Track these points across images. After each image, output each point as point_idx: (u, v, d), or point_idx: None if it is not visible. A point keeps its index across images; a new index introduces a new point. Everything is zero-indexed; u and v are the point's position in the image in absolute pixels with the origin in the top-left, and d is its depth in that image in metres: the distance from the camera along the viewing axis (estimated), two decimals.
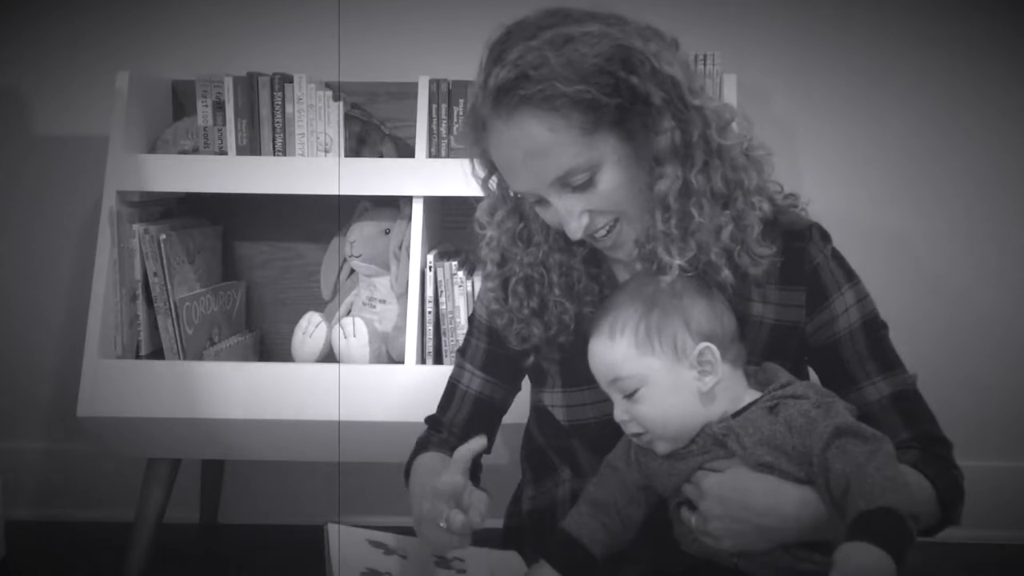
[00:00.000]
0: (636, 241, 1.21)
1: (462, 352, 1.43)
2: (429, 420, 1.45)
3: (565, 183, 1.16)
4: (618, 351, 1.15)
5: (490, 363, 1.40)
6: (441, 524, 1.11)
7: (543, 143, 1.14)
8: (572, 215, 1.18)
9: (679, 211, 1.16)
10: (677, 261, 1.16)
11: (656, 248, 1.18)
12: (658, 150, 1.15)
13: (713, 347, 1.14)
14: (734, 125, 1.21)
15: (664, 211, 1.17)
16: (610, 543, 1.20)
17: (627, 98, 1.13)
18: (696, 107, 1.16)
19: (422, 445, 1.41)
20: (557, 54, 1.12)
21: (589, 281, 1.29)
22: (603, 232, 1.21)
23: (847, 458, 1.05)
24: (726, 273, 1.18)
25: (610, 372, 1.16)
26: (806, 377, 1.30)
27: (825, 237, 1.27)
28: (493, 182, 1.28)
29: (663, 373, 1.14)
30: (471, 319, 1.44)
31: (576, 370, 1.30)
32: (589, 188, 1.17)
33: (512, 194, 1.27)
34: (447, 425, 1.42)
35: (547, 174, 1.16)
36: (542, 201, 1.20)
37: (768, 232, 1.23)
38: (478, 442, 1.18)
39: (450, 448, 1.37)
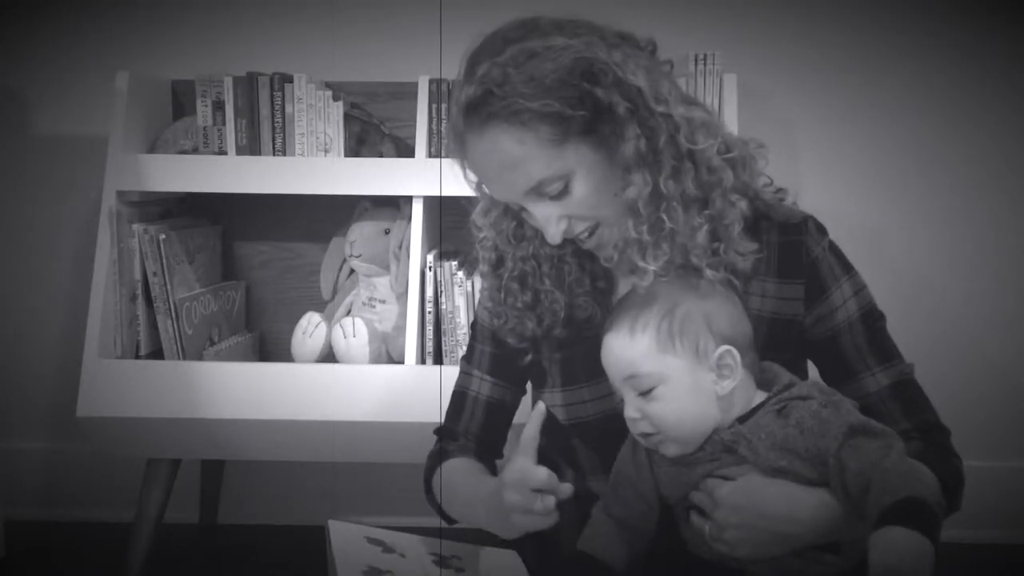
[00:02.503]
0: (615, 246, 1.22)
1: (467, 359, 1.43)
2: (440, 432, 1.45)
3: (540, 192, 1.18)
4: (638, 347, 1.14)
5: (497, 366, 1.40)
6: (537, 507, 1.12)
7: (514, 156, 1.15)
8: (550, 221, 1.20)
9: (650, 217, 1.17)
10: (651, 267, 1.18)
11: (631, 254, 1.19)
12: (625, 158, 1.16)
13: (734, 351, 1.13)
14: (706, 128, 1.20)
15: (635, 217, 1.18)
16: (631, 557, 1.20)
17: (592, 109, 1.14)
18: (663, 114, 1.16)
19: (438, 457, 1.41)
20: (519, 71, 1.13)
21: (580, 272, 1.30)
22: (585, 235, 1.22)
23: (862, 456, 1.05)
24: (710, 274, 1.19)
25: (627, 368, 1.15)
26: (804, 371, 1.30)
27: (821, 230, 1.27)
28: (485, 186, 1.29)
29: (682, 373, 1.13)
30: (474, 325, 1.44)
31: (575, 367, 1.30)
32: (564, 196, 1.18)
33: None
34: (462, 433, 1.42)
35: (520, 185, 1.18)
36: (523, 208, 1.22)
37: (763, 226, 1.25)
38: (538, 415, 1.20)
39: (472, 453, 1.38)
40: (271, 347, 2.27)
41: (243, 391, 1.90)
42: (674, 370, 1.13)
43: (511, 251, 1.30)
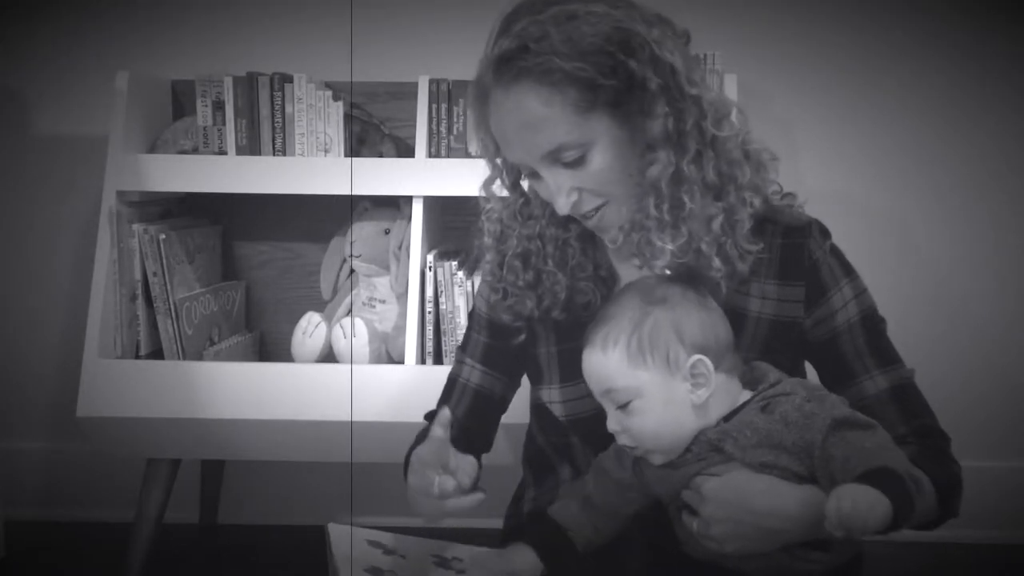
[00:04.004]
0: (621, 228, 1.22)
1: (462, 347, 1.45)
2: (429, 416, 1.46)
3: (556, 158, 1.18)
4: (611, 363, 1.15)
5: (489, 357, 1.41)
6: (433, 491, 1.14)
7: (537, 116, 1.15)
8: (561, 191, 1.20)
9: (670, 197, 1.18)
10: (669, 246, 1.18)
11: (648, 233, 1.19)
12: (651, 135, 1.16)
13: (706, 360, 1.13)
14: (731, 118, 1.21)
15: (656, 196, 1.18)
16: (594, 540, 1.22)
17: (624, 81, 1.15)
18: (693, 96, 1.17)
19: (420, 439, 1.41)
20: (558, 30, 1.14)
21: (583, 257, 1.31)
22: (592, 212, 1.22)
23: (847, 445, 1.06)
24: (717, 263, 1.19)
25: (603, 383, 1.16)
26: (803, 373, 1.30)
27: (824, 233, 1.27)
28: (499, 156, 1.29)
29: (656, 386, 1.13)
30: (471, 314, 1.45)
31: (574, 362, 1.30)
32: (580, 166, 1.18)
33: (513, 167, 1.29)
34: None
35: (539, 147, 1.17)
36: (535, 174, 1.22)
37: (768, 228, 1.25)
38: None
39: (451, 441, 1.38)
40: (271, 347, 2.27)
41: (243, 391, 1.90)
42: (646, 383, 1.13)
43: (516, 228, 1.31)
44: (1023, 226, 2.29)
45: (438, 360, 1.97)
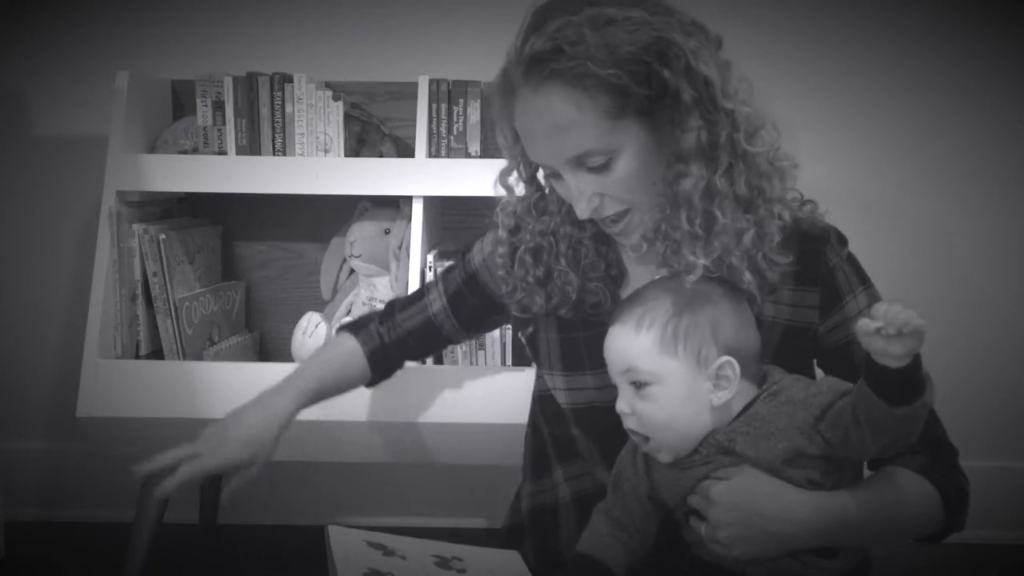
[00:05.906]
0: (644, 236, 1.21)
1: (444, 274, 1.49)
2: (388, 304, 1.52)
3: (581, 163, 1.17)
4: (641, 344, 1.13)
5: (457, 301, 1.45)
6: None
7: (566, 120, 1.14)
8: (583, 195, 1.19)
9: (703, 211, 1.16)
10: (702, 261, 1.16)
11: (678, 246, 1.18)
12: (683, 148, 1.15)
13: (734, 362, 1.13)
14: (763, 132, 1.20)
15: (689, 210, 1.16)
16: (631, 561, 1.20)
17: (657, 90, 1.13)
18: (727, 110, 1.16)
19: (363, 322, 1.50)
20: (595, 34, 1.11)
21: (596, 257, 1.29)
22: (614, 218, 1.21)
23: (849, 400, 1.06)
24: (748, 277, 1.18)
25: (625, 362, 1.15)
26: (813, 378, 1.29)
27: (842, 241, 1.27)
28: (518, 149, 1.28)
29: (680, 378, 1.13)
30: (463, 254, 1.47)
31: (576, 355, 1.30)
32: (605, 172, 1.17)
33: (532, 163, 1.28)
34: (394, 323, 1.49)
35: (565, 151, 1.16)
36: (557, 175, 1.21)
37: (787, 235, 1.23)
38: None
39: (378, 345, 1.47)
40: (271, 347, 2.27)
41: (243, 391, 1.89)
42: (671, 373, 1.13)
43: (531, 223, 1.30)
44: (1023, 226, 2.29)
45: (438, 360, 1.97)
